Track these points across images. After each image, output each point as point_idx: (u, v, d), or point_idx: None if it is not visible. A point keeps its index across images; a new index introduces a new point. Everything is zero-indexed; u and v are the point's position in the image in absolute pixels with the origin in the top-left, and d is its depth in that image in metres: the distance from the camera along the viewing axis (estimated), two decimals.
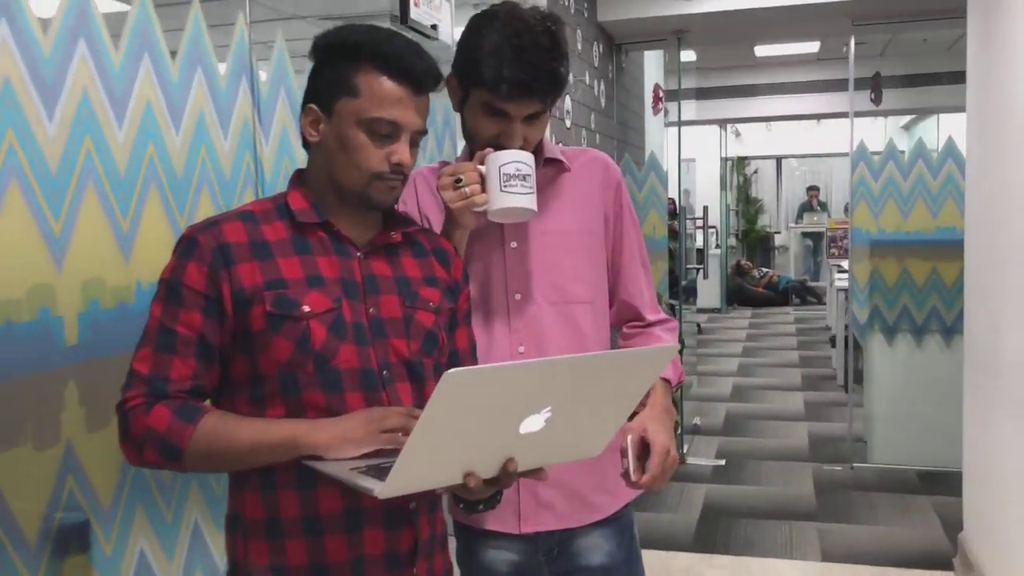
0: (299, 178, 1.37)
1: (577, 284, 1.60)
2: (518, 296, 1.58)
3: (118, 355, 1.35)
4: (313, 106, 1.31)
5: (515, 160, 1.44)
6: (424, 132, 1.33)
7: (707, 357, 8.24)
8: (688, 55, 7.20)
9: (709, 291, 11.22)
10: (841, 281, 6.64)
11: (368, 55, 1.28)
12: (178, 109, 1.68)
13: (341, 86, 1.28)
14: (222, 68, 1.81)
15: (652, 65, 6.38)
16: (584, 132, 4.35)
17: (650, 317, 1.69)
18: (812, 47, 8.59)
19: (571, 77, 4.06)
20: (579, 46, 4.22)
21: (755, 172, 15.32)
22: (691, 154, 11.57)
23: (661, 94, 5.94)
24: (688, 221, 6.35)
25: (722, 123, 12.14)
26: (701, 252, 7.46)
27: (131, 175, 1.56)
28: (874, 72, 5.91)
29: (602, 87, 4.82)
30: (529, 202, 1.44)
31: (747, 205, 14.60)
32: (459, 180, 1.43)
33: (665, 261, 5.18)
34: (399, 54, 1.28)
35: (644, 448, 1.42)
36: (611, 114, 5.08)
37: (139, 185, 1.58)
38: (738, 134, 13.96)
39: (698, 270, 7.37)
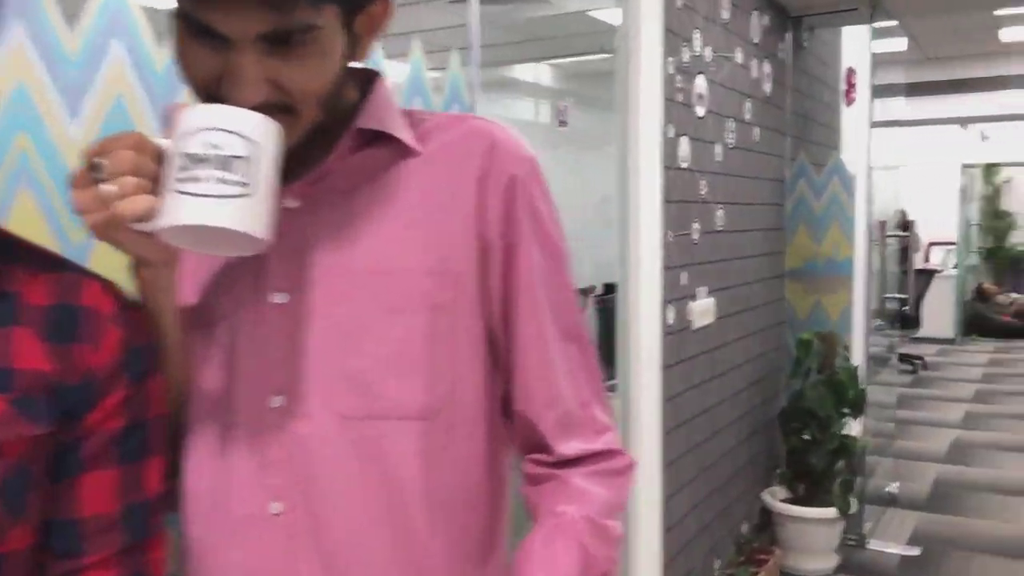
0: None
1: (399, 379, 0.80)
2: (279, 401, 0.80)
3: None
4: None
5: (208, 126, 0.69)
6: None
7: (924, 400, 6.85)
8: (899, 43, 5.94)
9: (940, 318, 9.70)
10: None
11: None
12: None
13: None
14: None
15: (851, 49, 5.24)
16: (732, 123, 3.44)
17: (564, 449, 0.84)
18: None
19: (709, 52, 3.17)
20: (725, 15, 3.32)
21: (1007, 181, 13.23)
22: (907, 158, 9.92)
23: (854, 80, 4.83)
24: (893, 239, 5.17)
25: (962, 122, 10.41)
26: (921, 274, 6.12)
27: None
28: None
29: (767, 70, 3.86)
30: (232, 216, 0.67)
31: (995, 219, 12.62)
32: (96, 167, 0.70)
33: (848, 290, 4.11)
34: None
35: None
36: (781, 104, 4.09)
37: None
38: (984, 137, 12.02)
39: (901, 301, 5.99)
